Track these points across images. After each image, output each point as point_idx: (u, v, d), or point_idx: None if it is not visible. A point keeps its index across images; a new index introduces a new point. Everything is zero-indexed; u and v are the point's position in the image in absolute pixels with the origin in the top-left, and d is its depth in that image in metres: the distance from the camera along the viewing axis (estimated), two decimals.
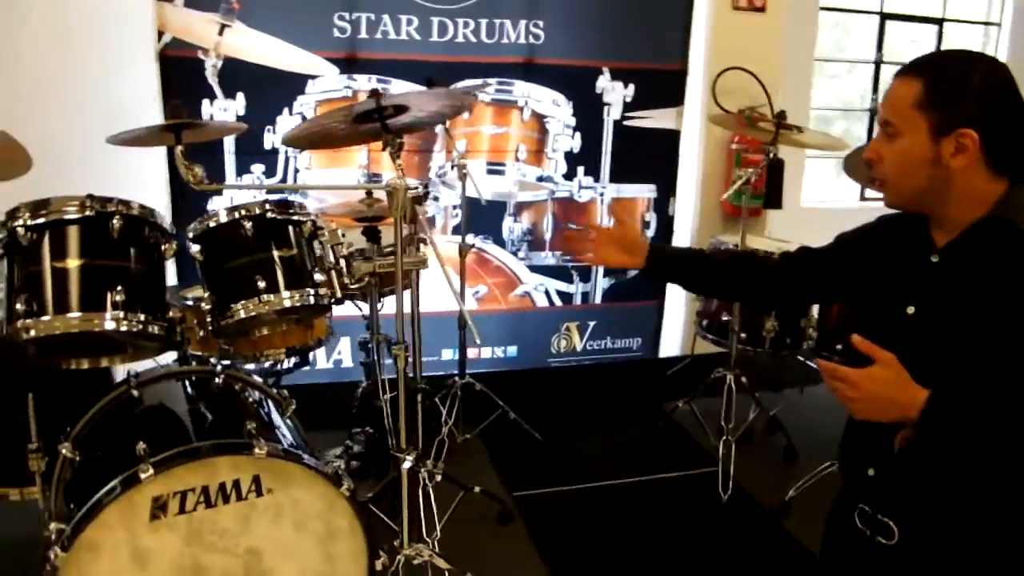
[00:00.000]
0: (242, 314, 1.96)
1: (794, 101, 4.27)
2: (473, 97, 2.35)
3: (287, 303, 1.99)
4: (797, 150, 3.75)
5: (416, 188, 2.19)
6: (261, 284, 1.95)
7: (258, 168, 3.24)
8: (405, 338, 2.58)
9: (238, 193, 3.11)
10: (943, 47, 4.65)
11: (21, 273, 1.75)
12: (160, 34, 2.96)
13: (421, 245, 2.23)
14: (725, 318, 3.04)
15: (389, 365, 2.67)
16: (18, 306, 1.72)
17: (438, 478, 2.42)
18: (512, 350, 3.85)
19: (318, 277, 2.05)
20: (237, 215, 1.97)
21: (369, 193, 2.64)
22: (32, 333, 1.72)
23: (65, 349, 1.94)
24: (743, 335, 3.07)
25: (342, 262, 2.09)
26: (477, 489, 2.63)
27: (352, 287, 2.18)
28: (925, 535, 1.39)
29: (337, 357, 3.57)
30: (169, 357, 2.19)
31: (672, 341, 4.03)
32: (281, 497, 1.81)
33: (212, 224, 1.98)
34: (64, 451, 1.90)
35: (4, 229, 1.75)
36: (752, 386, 3.14)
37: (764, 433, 3.28)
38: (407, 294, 2.76)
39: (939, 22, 4.72)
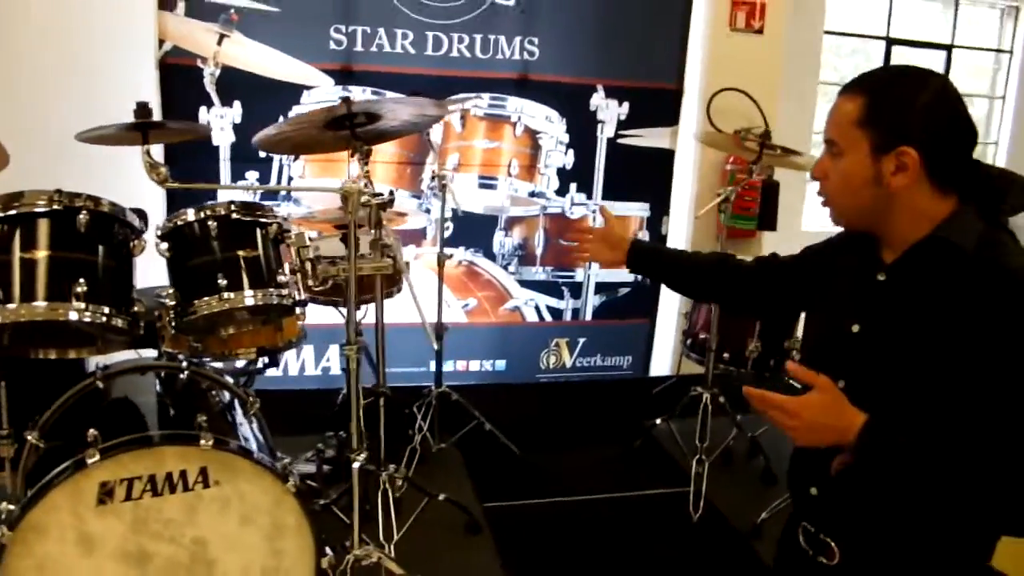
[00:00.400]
0: (204, 310, 2.00)
1: (796, 124, 4.29)
2: (445, 108, 2.40)
3: (249, 301, 2.04)
4: (798, 173, 3.75)
5: (381, 194, 2.24)
6: (223, 282, 2.00)
7: (252, 175, 3.32)
8: (380, 344, 2.64)
9: (236, 195, 3.18)
10: (952, 74, 4.63)
11: None
12: (161, 42, 3.07)
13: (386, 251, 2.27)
14: (703, 336, 3.03)
15: (368, 373, 2.73)
16: None
17: (399, 482, 2.44)
18: (500, 364, 3.87)
19: (281, 278, 2.10)
20: (203, 214, 2.03)
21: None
22: None
23: (35, 339, 2.00)
24: (726, 355, 3.06)
25: (307, 264, 2.14)
26: (442, 497, 2.65)
27: (316, 289, 2.22)
28: (865, 557, 1.38)
29: (326, 364, 3.62)
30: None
31: (663, 360, 4.02)
32: (228, 490, 1.85)
33: (179, 222, 2.04)
34: (30, 439, 1.96)
35: None
36: (733, 407, 3.12)
37: (744, 455, 3.25)
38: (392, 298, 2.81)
39: (947, 48, 4.68)
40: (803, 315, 1.66)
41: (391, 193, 2.27)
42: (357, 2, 3.26)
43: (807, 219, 4.63)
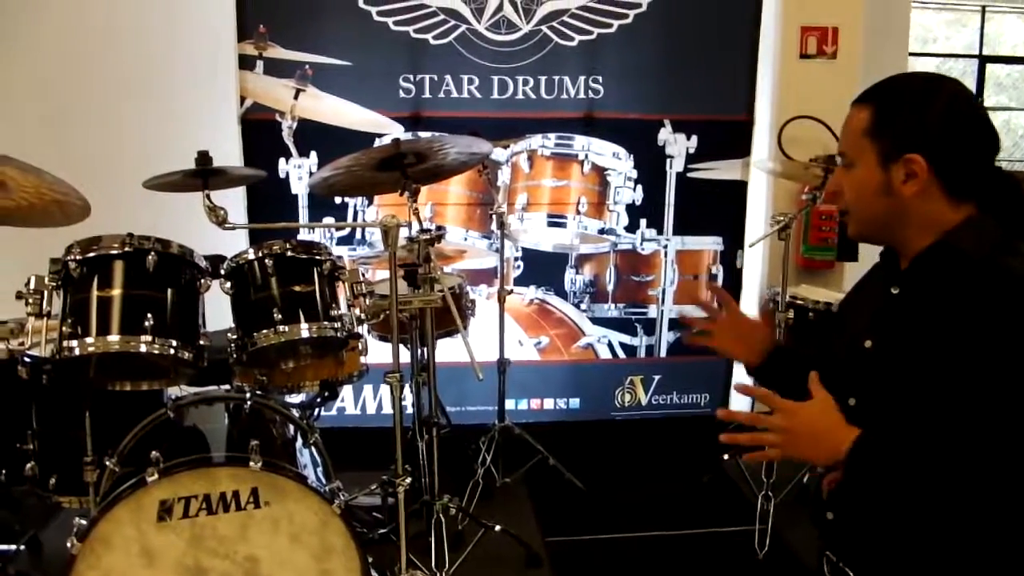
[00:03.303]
0: (262, 343, 2.13)
1: None
2: (491, 145, 2.48)
3: (304, 334, 2.16)
4: None
5: (429, 230, 2.34)
6: (279, 316, 2.13)
7: (329, 220, 3.50)
8: (432, 376, 2.72)
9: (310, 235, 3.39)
10: None
11: (72, 301, 2.00)
12: (242, 100, 3.33)
13: (436, 285, 2.36)
14: None
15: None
16: (65, 328, 1.96)
17: (452, 511, 2.48)
18: (574, 402, 3.86)
19: (335, 312, 2.22)
20: (261, 253, 2.17)
21: (411, 239, 2.79)
22: (76, 352, 1.96)
23: (111, 371, 2.17)
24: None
25: (360, 299, 2.25)
26: (498, 528, 2.66)
27: (369, 322, 2.33)
28: None
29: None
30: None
31: (742, 398, 3.90)
32: (277, 510, 1.95)
33: (240, 261, 2.19)
34: (109, 464, 2.14)
35: (60, 264, 2.01)
36: None
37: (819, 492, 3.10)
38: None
39: None
40: None
41: (439, 229, 2.37)
42: (424, 51, 3.43)
43: None
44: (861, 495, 1.27)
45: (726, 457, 3.20)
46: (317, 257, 2.22)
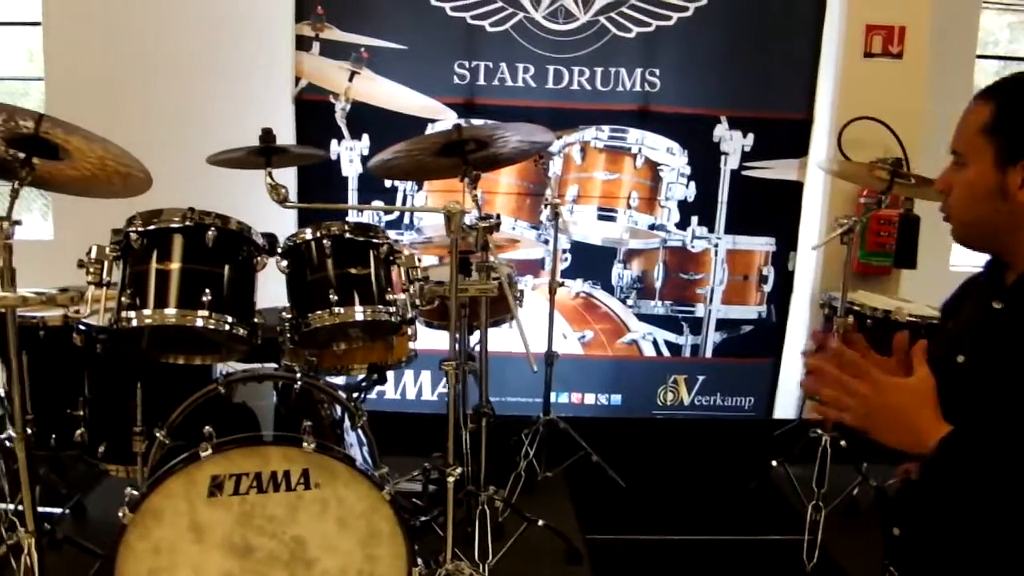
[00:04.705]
0: (316, 324, 2.11)
1: (944, 156, 4.00)
2: (552, 135, 2.43)
3: (359, 316, 2.13)
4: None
5: (489, 217, 2.30)
6: (334, 297, 2.10)
7: (378, 203, 3.49)
8: (484, 365, 2.69)
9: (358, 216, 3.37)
10: None
11: (131, 272, 2.00)
12: (297, 80, 3.32)
13: (492, 273, 2.32)
14: None
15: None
16: (123, 299, 1.96)
17: (498, 504, 2.45)
18: (616, 399, 3.81)
19: (390, 296, 2.19)
20: (319, 234, 2.15)
21: (469, 226, 2.75)
22: (134, 323, 1.95)
23: (166, 344, 2.17)
24: None
25: (415, 285, 2.22)
26: (541, 523, 2.62)
27: (424, 308, 2.30)
28: None
29: (442, 390, 3.70)
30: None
31: (788, 403, 3.82)
32: (327, 493, 1.93)
33: (298, 241, 2.17)
34: (159, 436, 2.14)
35: (121, 234, 2.01)
36: (857, 454, 2.91)
37: (870, 507, 3.01)
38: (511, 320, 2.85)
39: None
40: None
41: (497, 217, 2.33)
42: (481, 38, 3.40)
43: (956, 257, 4.30)
44: (937, 498, 1.18)
45: (774, 464, 3.12)
46: (374, 240, 2.19)
